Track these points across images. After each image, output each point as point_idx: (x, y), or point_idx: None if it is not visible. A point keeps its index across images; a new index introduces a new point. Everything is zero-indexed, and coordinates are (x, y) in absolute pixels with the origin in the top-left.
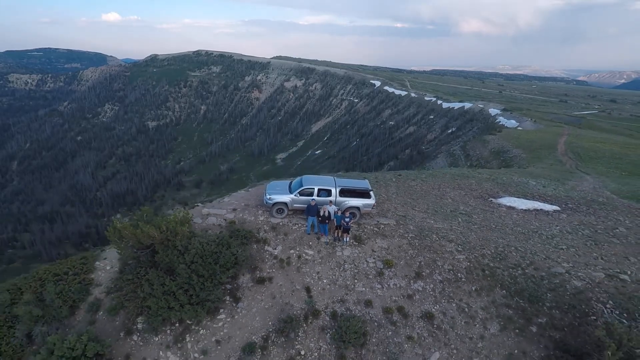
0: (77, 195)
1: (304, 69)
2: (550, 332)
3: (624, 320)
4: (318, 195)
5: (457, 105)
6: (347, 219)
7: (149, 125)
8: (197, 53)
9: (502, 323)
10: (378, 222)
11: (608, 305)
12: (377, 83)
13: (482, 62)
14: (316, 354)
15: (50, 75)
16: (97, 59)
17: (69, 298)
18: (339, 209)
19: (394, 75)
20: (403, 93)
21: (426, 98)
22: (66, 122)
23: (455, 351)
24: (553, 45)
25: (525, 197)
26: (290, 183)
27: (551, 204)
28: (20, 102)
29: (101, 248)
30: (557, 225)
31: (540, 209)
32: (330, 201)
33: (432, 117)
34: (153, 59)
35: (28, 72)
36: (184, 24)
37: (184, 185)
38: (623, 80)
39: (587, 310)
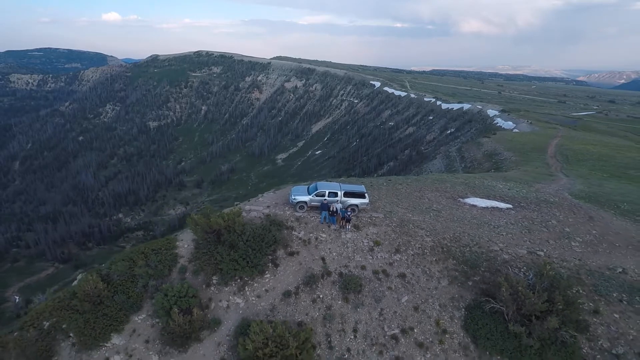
0: (79, 195)
1: (304, 70)
2: (480, 285)
3: (522, 274)
4: (328, 196)
5: (456, 106)
6: (349, 213)
7: (150, 126)
8: (198, 54)
9: (450, 280)
10: (371, 215)
11: (522, 270)
12: (377, 84)
13: (482, 62)
14: (329, 297)
15: (51, 75)
16: (98, 58)
17: (166, 264)
18: (343, 206)
19: (394, 75)
20: (403, 94)
21: (425, 99)
22: (68, 122)
23: (418, 295)
24: (553, 46)
25: (488, 197)
26: (308, 187)
27: (506, 203)
28: (22, 102)
29: (176, 233)
30: (504, 219)
31: (496, 207)
32: (338, 200)
33: (431, 117)
34: (154, 60)
35: (29, 72)
36: (184, 23)
37: (185, 185)
38: (623, 81)
39: (506, 272)
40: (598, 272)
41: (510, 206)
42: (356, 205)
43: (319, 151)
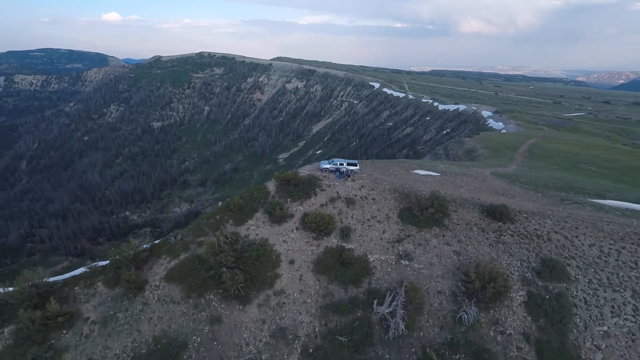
0: (85, 194)
1: (305, 71)
2: (408, 201)
3: (425, 195)
4: (339, 165)
5: (452, 107)
6: (349, 173)
7: (154, 126)
8: (200, 55)
9: (395, 200)
10: (360, 175)
11: (427, 194)
12: (377, 85)
13: (482, 62)
14: (340, 206)
15: (54, 76)
16: (99, 59)
17: (265, 194)
18: (346, 169)
19: (393, 76)
20: (401, 95)
21: (423, 100)
22: (72, 123)
23: (380, 206)
24: (553, 46)
25: (428, 170)
26: (328, 161)
27: (437, 173)
28: (26, 103)
29: (264, 183)
30: (431, 179)
31: (430, 174)
32: (344, 166)
33: (428, 118)
34: (157, 61)
35: (32, 72)
36: (184, 23)
37: (189, 183)
38: (622, 81)
39: (415, 193)
40: (465, 199)
41: (438, 174)
42: (352, 170)
43: (320, 151)
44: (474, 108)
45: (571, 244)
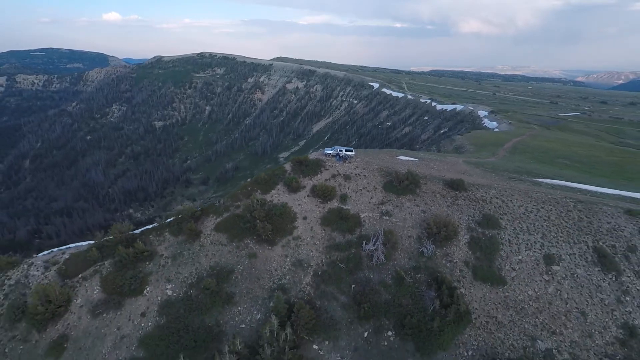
0: (89, 192)
1: (305, 71)
2: (391, 177)
3: (402, 171)
4: (339, 151)
5: (450, 107)
6: (347, 157)
7: (156, 125)
8: (201, 55)
9: (381, 176)
10: (355, 159)
11: (404, 172)
12: (376, 85)
13: (482, 62)
14: (340, 180)
15: (56, 76)
16: (100, 59)
17: (283, 172)
18: (345, 154)
19: (392, 76)
20: (400, 95)
21: (422, 100)
22: (75, 122)
23: (370, 180)
24: (553, 46)
25: (410, 156)
26: (331, 148)
27: (417, 158)
28: (28, 103)
29: (282, 164)
30: (410, 162)
31: (410, 159)
32: (342, 152)
33: (426, 118)
34: (158, 61)
35: (33, 72)
36: (184, 23)
37: (191, 182)
38: (621, 81)
39: (395, 171)
40: (434, 176)
41: (417, 160)
42: (349, 155)
43: (320, 150)
44: (471, 108)
45: (506, 205)
